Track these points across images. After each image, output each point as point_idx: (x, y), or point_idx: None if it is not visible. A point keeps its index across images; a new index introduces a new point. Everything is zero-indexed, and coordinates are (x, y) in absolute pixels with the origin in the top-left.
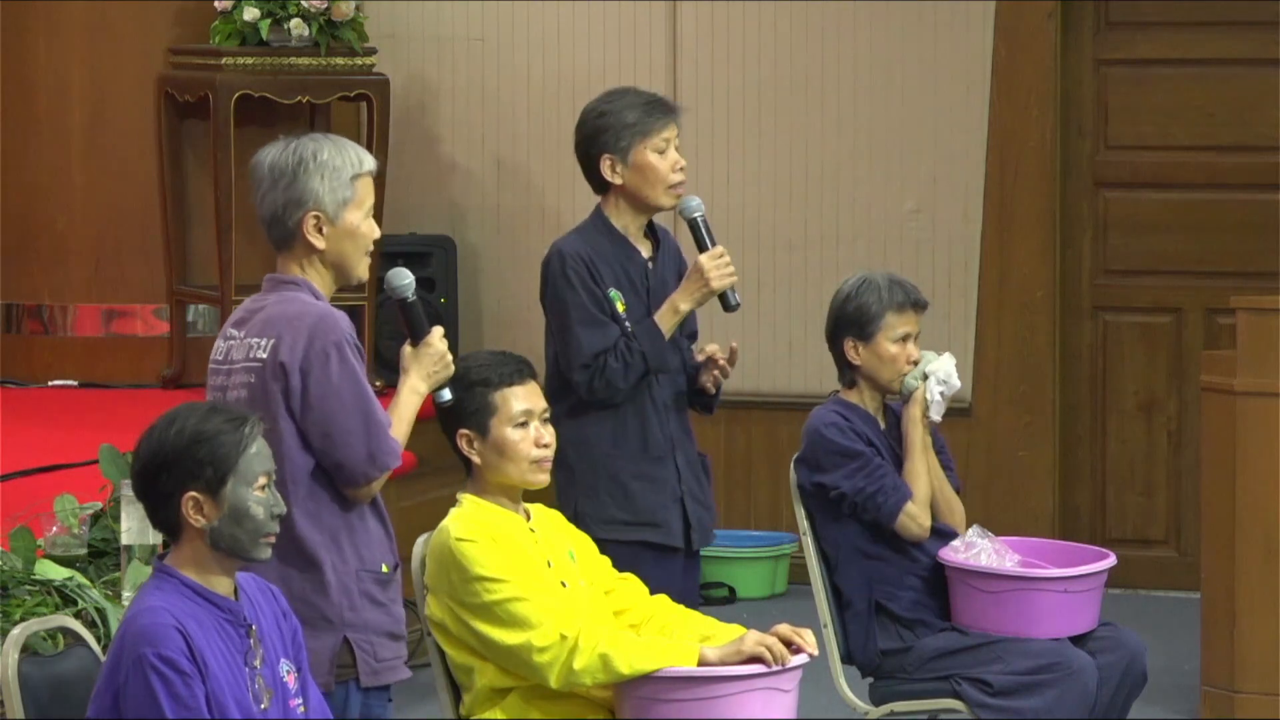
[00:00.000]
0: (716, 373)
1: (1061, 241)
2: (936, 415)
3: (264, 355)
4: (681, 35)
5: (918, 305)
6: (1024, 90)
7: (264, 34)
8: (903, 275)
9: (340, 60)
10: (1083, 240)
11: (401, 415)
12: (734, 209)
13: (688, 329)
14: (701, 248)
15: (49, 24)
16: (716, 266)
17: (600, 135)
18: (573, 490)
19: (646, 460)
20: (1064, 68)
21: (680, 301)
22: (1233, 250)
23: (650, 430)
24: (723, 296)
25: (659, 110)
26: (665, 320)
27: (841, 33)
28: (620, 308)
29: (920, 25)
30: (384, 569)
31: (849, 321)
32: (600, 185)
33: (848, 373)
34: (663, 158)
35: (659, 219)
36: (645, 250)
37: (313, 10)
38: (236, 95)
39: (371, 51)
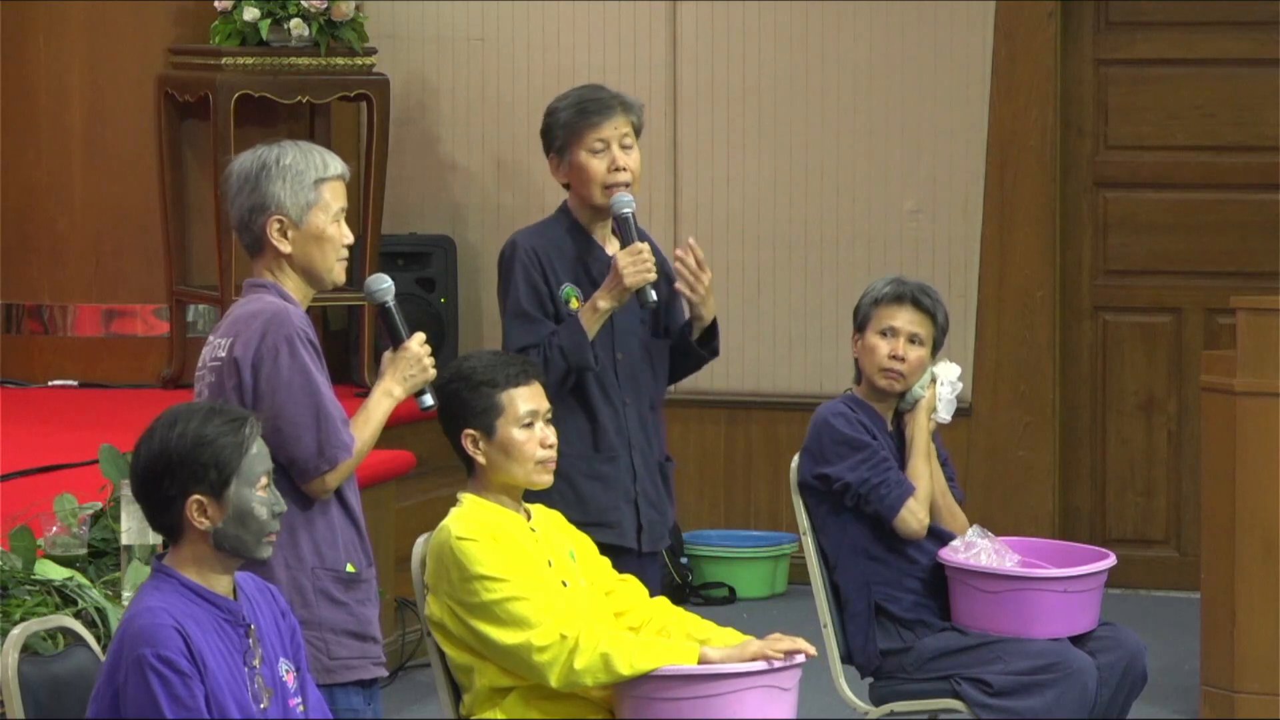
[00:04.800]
0: (689, 276)
1: (1061, 241)
2: (945, 415)
3: (223, 354)
4: (681, 35)
5: (915, 302)
6: (1024, 90)
7: (264, 34)
8: (904, 275)
9: (340, 60)
10: (1083, 240)
11: (370, 416)
12: (734, 209)
13: (668, 322)
14: (624, 244)
15: (49, 24)
16: (632, 263)
17: (546, 135)
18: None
19: (597, 459)
20: (1064, 67)
21: (600, 300)
22: (1233, 250)
23: (602, 430)
24: (639, 293)
25: (592, 109)
26: (586, 317)
27: (841, 33)
28: (574, 304)
29: (920, 25)
30: (349, 568)
31: (855, 315)
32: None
33: (856, 368)
34: (597, 158)
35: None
36: (611, 247)
37: (313, 10)
38: (236, 95)
39: (371, 51)
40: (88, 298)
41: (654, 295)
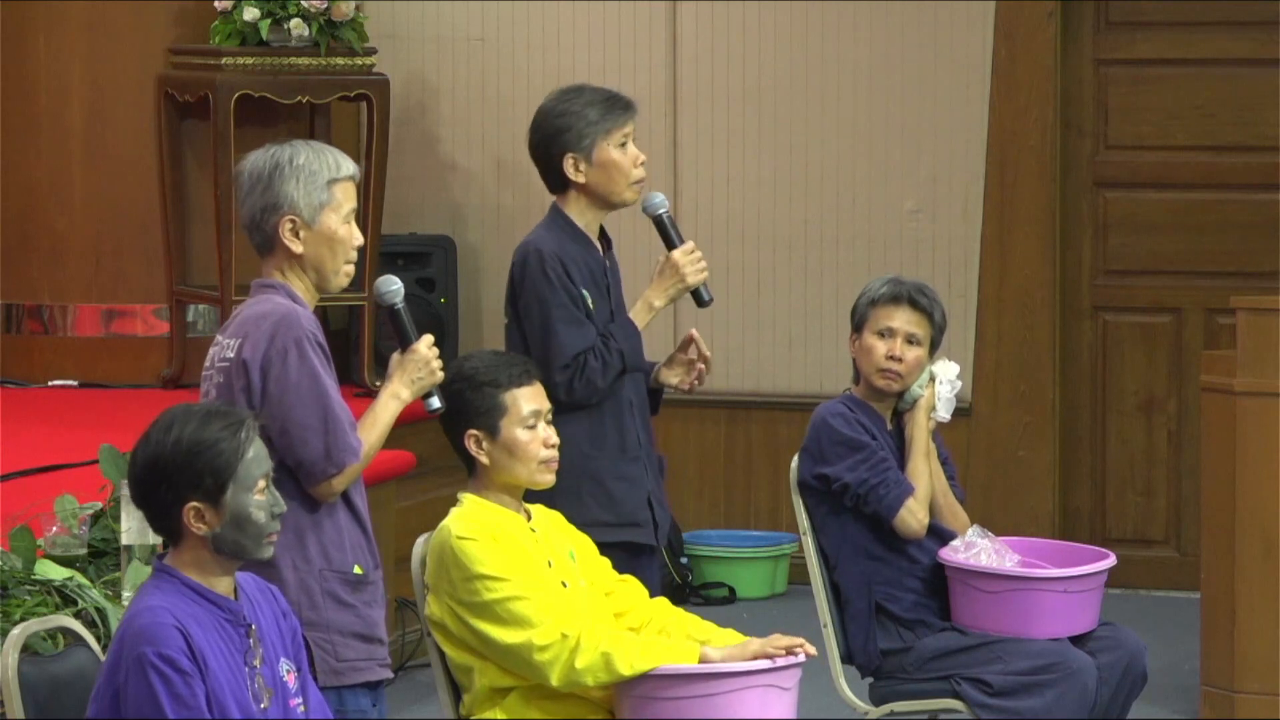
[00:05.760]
0: (701, 367)
1: (1061, 241)
2: (945, 414)
3: (231, 355)
4: (681, 35)
5: (912, 302)
6: (1024, 90)
7: (264, 34)
8: (902, 275)
9: (340, 60)
10: (1083, 240)
11: (377, 418)
12: (734, 209)
13: None
14: (670, 244)
15: (49, 24)
16: (690, 261)
17: (561, 135)
18: (551, 492)
19: (624, 460)
20: (1064, 68)
21: (654, 298)
22: (1233, 250)
23: (626, 430)
24: (695, 292)
25: (619, 106)
26: (641, 317)
27: (841, 33)
28: (591, 306)
29: (920, 25)
30: (356, 570)
31: (852, 315)
32: (558, 185)
33: (854, 368)
34: (624, 153)
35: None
36: (601, 249)
37: (313, 10)
38: (236, 95)
39: (371, 51)
40: (88, 298)
41: (710, 292)
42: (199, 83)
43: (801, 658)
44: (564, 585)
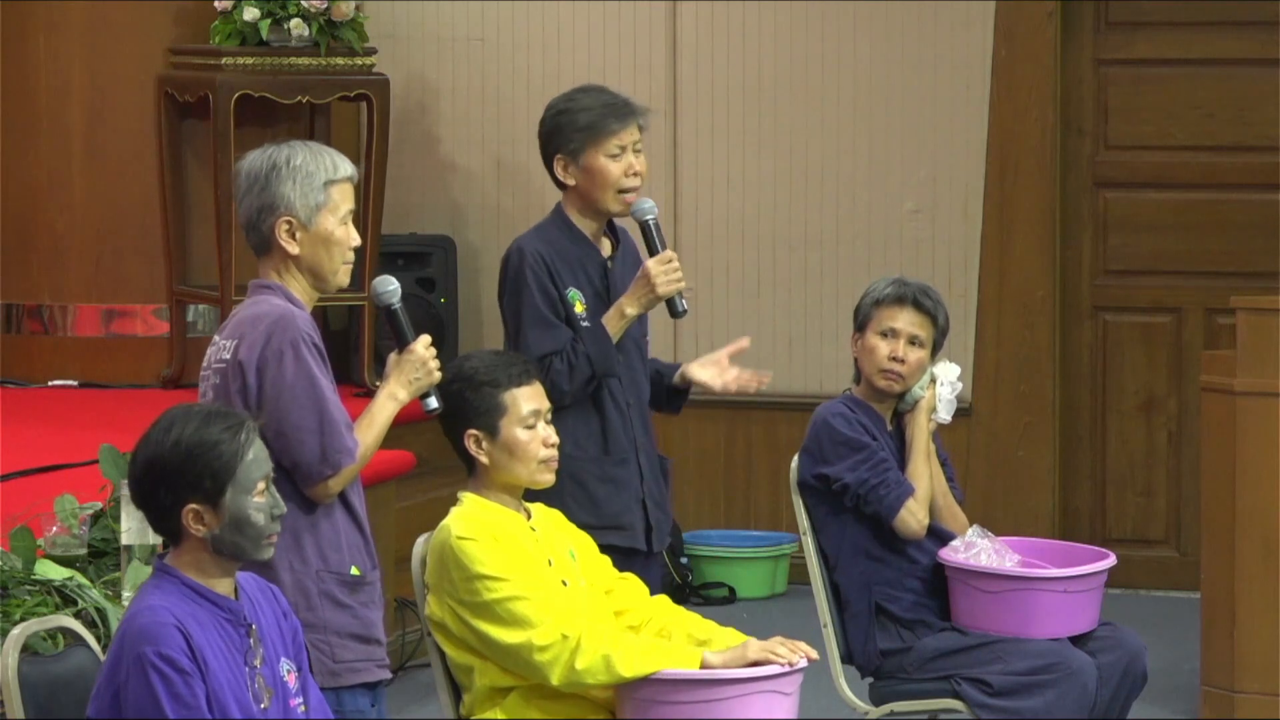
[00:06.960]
0: (733, 378)
1: (1061, 241)
2: (945, 415)
3: (227, 356)
4: (681, 35)
5: (916, 304)
6: (1024, 90)
7: (264, 34)
8: (906, 276)
9: (340, 60)
10: (1083, 240)
11: (374, 419)
12: (734, 209)
13: (643, 330)
14: (651, 251)
15: (49, 24)
16: (664, 272)
17: (556, 134)
18: (536, 494)
19: (609, 462)
20: (1064, 67)
21: (627, 306)
22: (1233, 250)
23: (612, 432)
24: (670, 302)
25: (616, 115)
26: (612, 324)
27: (841, 33)
28: (579, 308)
29: (920, 25)
30: (354, 571)
31: (856, 315)
32: (559, 182)
33: (855, 368)
34: (615, 162)
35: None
36: (605, 250)
37: (313, 10)
38: (236, 95)
39: (371, 51)
40: (88, 298)
41: (684, 303)
42: (199, 83)
43: (803, 663)
44: (564, 584)
